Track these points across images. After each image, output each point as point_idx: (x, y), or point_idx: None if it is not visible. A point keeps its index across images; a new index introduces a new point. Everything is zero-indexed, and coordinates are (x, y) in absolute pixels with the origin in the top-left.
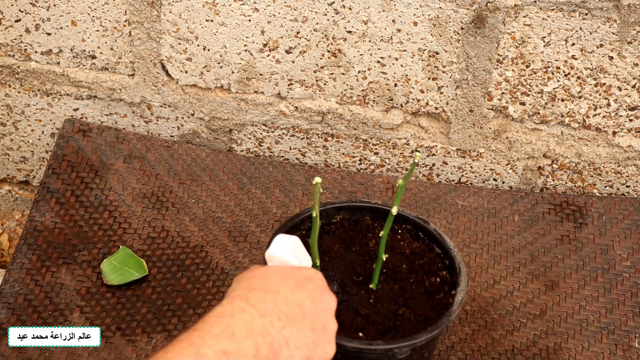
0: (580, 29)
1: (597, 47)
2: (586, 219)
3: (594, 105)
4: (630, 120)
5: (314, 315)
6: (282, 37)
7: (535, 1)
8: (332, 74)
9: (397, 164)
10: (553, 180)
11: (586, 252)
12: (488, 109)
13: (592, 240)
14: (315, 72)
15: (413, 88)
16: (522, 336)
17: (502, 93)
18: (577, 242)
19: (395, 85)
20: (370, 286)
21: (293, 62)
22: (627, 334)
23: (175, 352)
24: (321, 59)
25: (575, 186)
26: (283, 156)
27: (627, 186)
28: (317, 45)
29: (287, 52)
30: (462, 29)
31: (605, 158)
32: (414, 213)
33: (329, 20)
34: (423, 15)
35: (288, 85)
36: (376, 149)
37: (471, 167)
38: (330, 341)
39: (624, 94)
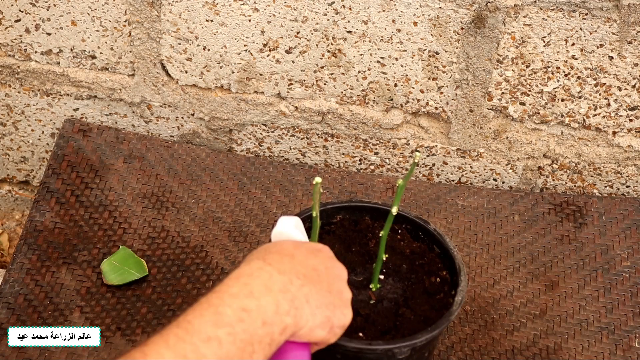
0: (580, 29)
1: (597, 47)
2: (586, 219)
3: (594, 105)
4: (630, 120)
5: (329, 279)
6: (282, 37)
7: (535, 1)
8: (332, 74)
9: (397, 164)
10: (553, 180)
11: (586, 252)
12: (488, 109)
13: (592, 240)
14: (315, 72)
15: (413, 88)
16: (522, 336)
17: (502, 93)
18: (577, 242)
19: (395, 85)
20: (371, 286)
21: (293, 62)
22: (627, 334)
23: (195, 314)
24: (321, 59)
25: (575, 186)
26: (283, 156)
27: (627, 186)
28: (317, 45)
29: (287, 52)
30: (462, 29)
31: (605, 158)
32: (414, 213)
33: (329, 20)
34: (423, 15)
35: (288, 85)
36: (376, 149)
37: (471, 167)
38: (347, 305)
39: (624, 94)
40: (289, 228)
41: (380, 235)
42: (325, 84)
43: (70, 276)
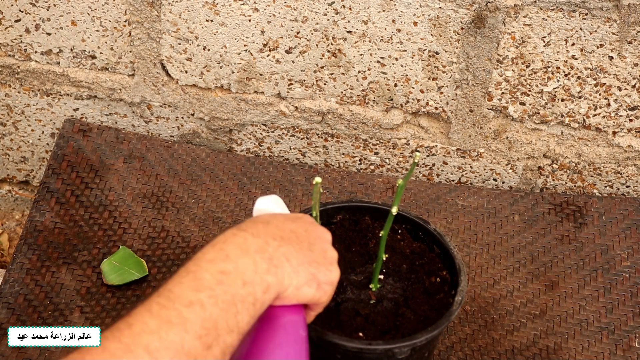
0: (580, 29)
1: (597, 47)
2: (586, 219)
3: (594, 105)
4: (630, 120)
5: (309, 240)
6: (282, 37)
7: (535, 1)
8: (332, 74)
9: (397, 164)
10: (553, 180)
11: (586, 252)
12: (488, 109)
13: (592, 240)
14: (315, 72)
15: (413, 88)
16: (522, 336)
17: (502, 93)
18: (577, 242)
19: (395, 85)
20: (371, 286)
21: (293, 62)
22: (627, 334)
23: (174, 282)
24: (321, 59)
25: (575, 186)
26: (283, 156)
27: (627, 186)
28: (317, 45)
29: (287, 52)
30: (462, 29)
31: (605, 158)
32: (414, 213)
33: (329, 20)
34: (423, 15)
35: (288, 85)
36: (376, 149)
37: (471, 167)
38: (332, 263)
39: (624, 94)
40: (268, 205)
41: (380, 235)
42: (325, 84)
43: (70, 276)
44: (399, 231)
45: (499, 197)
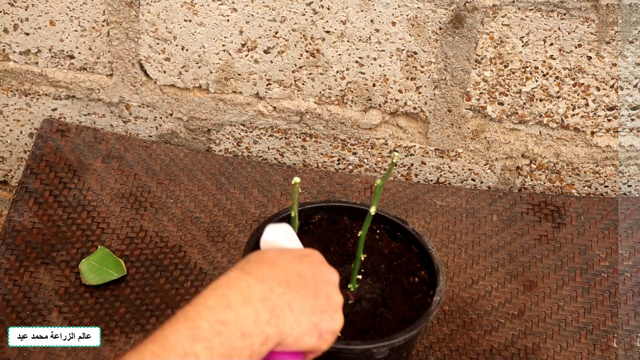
0: (559, 29)
1: (576, 47)
2: (564, 219)
3: (572, 105)
4: (609, 121)
5: (316, 284)
6: (260, 37)
7: (513, 1)
8: (310, 74)
9: (375, 164)
10: (531, 180)
11: (564, 252)
12: (466, 109)
13: (570, 240)
14: (293, 72)
15: (391, 88)
16: (501, 336)
17: (481, 93)
18: (556, 242)
19: (374, 85)
20: (349, 286)
21: (271, 62)
22: (605, 334)
23: (172, 329)
24: (299, 59)
25: (553, 186)
26: (261, 156)
27: (605, 186)
28: (295, 45)
29: (266, 52)
30: (440, 29)
31: (584, 158)
32: (392, 213)
33: (307, 20)
34: (401, 15)
35: (266, 85)
36: (354, 149)
37: (449, 167)
38: (337, 310)
39: (602, 94)
40: (276, 237)
41: (359, 235)
42: (303, 84)
43: (49, 276)
44: (378, 231)
45: (478, 197)
